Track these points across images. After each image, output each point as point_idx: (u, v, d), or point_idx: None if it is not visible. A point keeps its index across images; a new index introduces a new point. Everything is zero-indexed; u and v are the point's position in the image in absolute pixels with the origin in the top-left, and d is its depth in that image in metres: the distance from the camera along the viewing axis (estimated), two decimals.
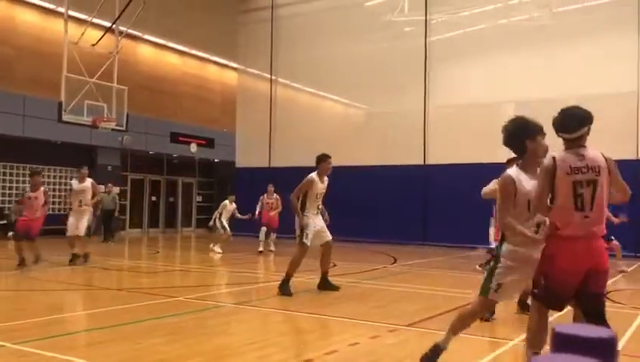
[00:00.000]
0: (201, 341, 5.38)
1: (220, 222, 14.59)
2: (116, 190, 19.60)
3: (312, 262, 8.75)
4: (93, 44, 16.89)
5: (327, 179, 8.44)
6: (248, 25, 22.70)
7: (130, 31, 18.32)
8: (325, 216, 8.60)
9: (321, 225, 8.42)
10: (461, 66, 18.22)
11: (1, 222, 18.15)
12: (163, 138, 22.56)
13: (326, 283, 8.49)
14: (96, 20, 17.23)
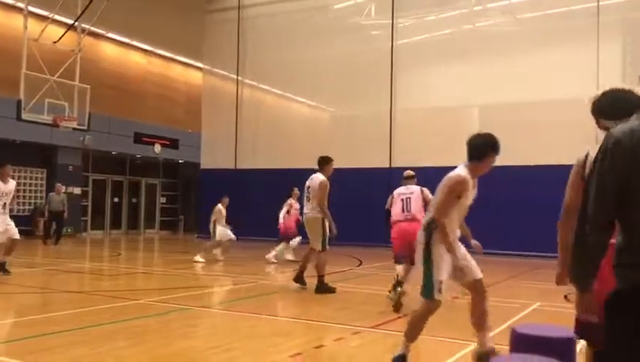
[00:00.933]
0: (163, 344, 5.30)
1: (220, 229, 13.03)
2: (77, 190, 19.15)
3: (280, 265, 8.69)
4: (55, 42, 16.46)
5: None
6: (215, 25, 22.49)
7: (93, 28, 17.98)
8: None
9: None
10: (427, 70, 18.42)
11: None
12: (126, 138, 22.18)
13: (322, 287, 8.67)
14: (57, 17, 16.83)
